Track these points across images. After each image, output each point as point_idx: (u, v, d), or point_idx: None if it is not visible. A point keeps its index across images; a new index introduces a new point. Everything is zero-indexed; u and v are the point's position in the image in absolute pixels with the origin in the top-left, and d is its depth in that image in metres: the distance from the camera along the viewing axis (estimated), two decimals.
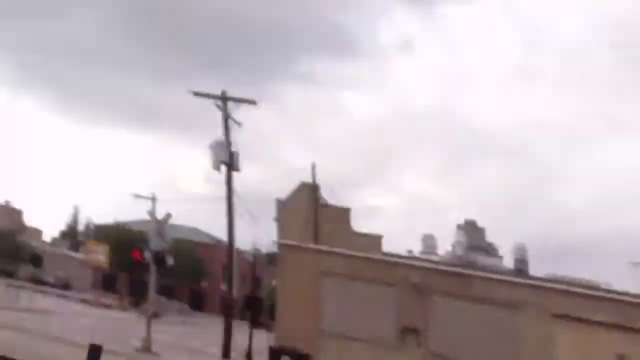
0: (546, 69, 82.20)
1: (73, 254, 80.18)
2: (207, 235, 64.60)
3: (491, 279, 30.29)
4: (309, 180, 33.48)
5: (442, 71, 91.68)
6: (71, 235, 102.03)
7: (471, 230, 36.31)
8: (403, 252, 34.49)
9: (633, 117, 76.76)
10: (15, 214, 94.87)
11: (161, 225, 28.97)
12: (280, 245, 33.43)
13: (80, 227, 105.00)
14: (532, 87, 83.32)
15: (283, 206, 33.32)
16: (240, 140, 28.54)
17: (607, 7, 78.07)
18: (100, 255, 41.44)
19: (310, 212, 32.83)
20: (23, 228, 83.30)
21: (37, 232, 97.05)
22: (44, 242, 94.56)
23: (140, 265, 28.33)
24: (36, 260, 54.15)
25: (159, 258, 27.94)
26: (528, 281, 30.15)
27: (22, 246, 68.96)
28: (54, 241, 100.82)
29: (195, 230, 66.38)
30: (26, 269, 67.21)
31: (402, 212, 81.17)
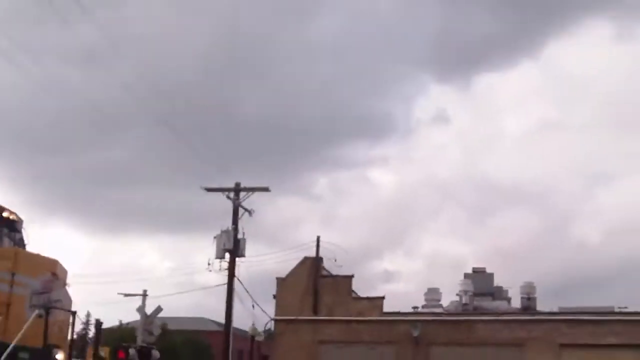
0: (575, 118, 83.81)
1: None
2: (215, 322, 66.80)
3: (494, 320, 29.91)
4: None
5: (471, 137, 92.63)
6: (81, 342, 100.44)
7: (479, 277, 35.87)
8: (409, 310, 33.79)
9: None
10: None
11: (150, 320, 28.10)
12: (276, 322, 32.85)
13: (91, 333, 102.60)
14: (559, 137, 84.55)
15: (283, 282, 32.76)
16: (260, 228, 28.94)
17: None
18: None
19: (310, 284, 32.31)
20: None
21: None
22: None
23: None
24: None
25: (144, 353, 27.37)
26: (533, 317, 29.88)
27: None
28: None
29: (202, 320, 68.35)
30: None
31: (421, 272, 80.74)
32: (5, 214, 14.85)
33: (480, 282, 35.43)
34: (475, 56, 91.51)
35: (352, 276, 32.75)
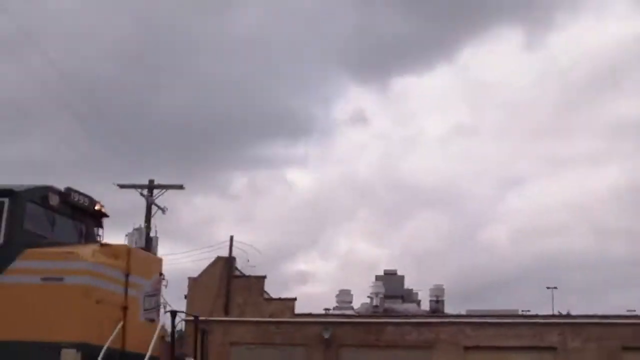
0: (488, 122, 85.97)
1: None
2: None
3: (403, 323, 30.47)
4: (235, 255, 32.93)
5: (388, 139, 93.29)
6: None
7: (390, 279, 36.52)
8: (321, 312, 34.07)
9: (567, 155, 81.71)
10: None
11: None
12: (186, 322, 32.26)
13: None
14: (473, 141, 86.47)
15: (195, 282, 32.27)
16: (174, 227, 28.43)
17: (547, 62, 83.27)
18: None
19: (222, 284, 31.96)
20: None
21: None
22: None
23: None
24: None
25: None
26: (440, 320, 30.66)
27: None
28: None
29: None
30: None
31: (335, 274, 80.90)
32: (97, 207, 13.27)
33: (391, 284, 36.10)
34: (393, 59, 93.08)
35: (264, 277, 32.68)
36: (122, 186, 28.95)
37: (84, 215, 13.07)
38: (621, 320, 29.44)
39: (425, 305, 35.29)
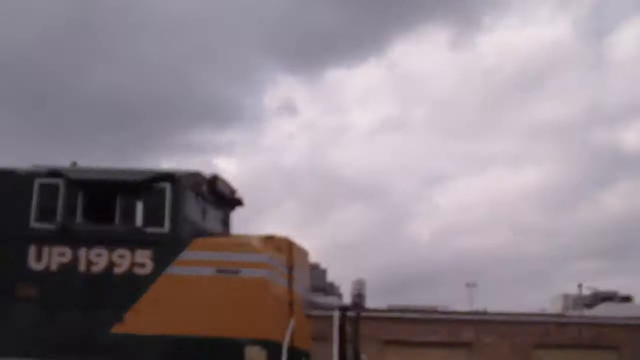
0: (415, 119, 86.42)
1: None
2: None
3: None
4: None
5: (318, 129, 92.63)
6: None
7: (313, 272, 36.54)
8: None
9: (489, 154, 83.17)
10: None
11: None
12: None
13: None
14: (400, 136, 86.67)
15: None
16: None
17: (473, 62, 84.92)
18: None
19: None
20: None
21: None
22: None
23: None
24: None
25: None
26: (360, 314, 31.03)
27: None
28: None
29: None
30: None
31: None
32: (236, 195, 12.62)
33: (313, 277, 36.20)
34: (324, 50, 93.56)
35: None
36: None
37: (225, 204, 12.55)
38: (533, 318, 30.60)
39: (347, 299, 35.61)
